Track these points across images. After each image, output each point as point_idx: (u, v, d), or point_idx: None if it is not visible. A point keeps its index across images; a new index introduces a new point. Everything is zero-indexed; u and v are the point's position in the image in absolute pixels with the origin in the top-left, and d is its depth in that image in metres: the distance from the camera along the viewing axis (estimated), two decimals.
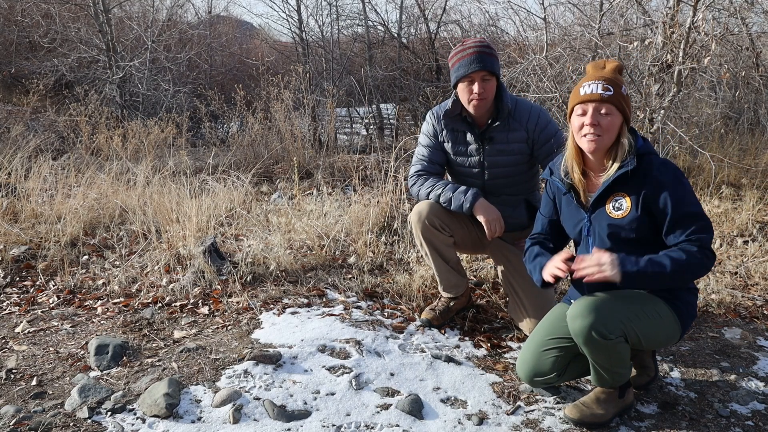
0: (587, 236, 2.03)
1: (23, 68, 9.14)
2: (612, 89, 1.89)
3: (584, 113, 1.92)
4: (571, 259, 1.93)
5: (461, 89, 2.49)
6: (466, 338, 2.63)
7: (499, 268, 2.78)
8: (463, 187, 2.51)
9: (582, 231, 2.05)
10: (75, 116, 6.53)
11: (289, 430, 1.95)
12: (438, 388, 2.22)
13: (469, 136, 2.59)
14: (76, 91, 7.21)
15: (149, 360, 2.33)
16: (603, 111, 1.90)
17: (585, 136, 1.92)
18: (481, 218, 2.46)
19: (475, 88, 2.43)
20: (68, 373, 2.26)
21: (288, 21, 9.93)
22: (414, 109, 9.02)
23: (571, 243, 2.28)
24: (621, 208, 1.91)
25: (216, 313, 2.73)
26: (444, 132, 2.63)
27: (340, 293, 2.95)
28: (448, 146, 2.64)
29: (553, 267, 1.95)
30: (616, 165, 1.92)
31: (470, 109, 2.50)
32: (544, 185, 2.37)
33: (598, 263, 1.81)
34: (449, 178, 2.80)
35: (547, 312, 2.22)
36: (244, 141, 6.45)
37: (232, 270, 3.06)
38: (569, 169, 2.02)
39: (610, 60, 2.07)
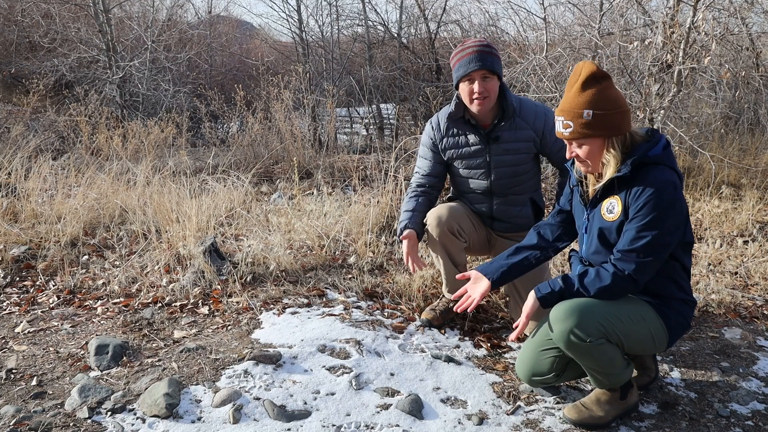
0: (584, 233, 2.04)
1: (23, 68, 9.14)
2: (572, 125, 1.86)
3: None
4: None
5: (463, 89, 2.47)
6: (466, 338, 2.63)
7: None
8: (401, 225, 2.60)
9: (581, 227, 2.07)
10: (75, 116, 6.53)
11: (289, 430, 1.95)
12: (438, 388, 2.22)
13: (472, 138, 2.57)
14: (76, 91, 7.21)
15: (149, 360, 2.33)
16: (575, 145, 1.92)
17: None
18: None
19: (476, 87, 2.41)
20: (68, 373, 2.26)
21: (288, 21, 9.93)
22: (414, 109, 9.02)
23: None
24: (613, 211, 1.90)
25: (216, 313, 2.73)
26: (444, 139, 2.61)
27: (340, 293, 2.95)
28: (450, 153, 2.62)
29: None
30: (611, 170, 1.89)
31: (473, 109, 2.48)
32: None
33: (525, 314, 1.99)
34: (451, 184, 2.79)
35: (547, 312, 2.22)
36: (244, 141, 6.45)
37: (232, 270, 3.06)
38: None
39: (585, 69, 1.92)
